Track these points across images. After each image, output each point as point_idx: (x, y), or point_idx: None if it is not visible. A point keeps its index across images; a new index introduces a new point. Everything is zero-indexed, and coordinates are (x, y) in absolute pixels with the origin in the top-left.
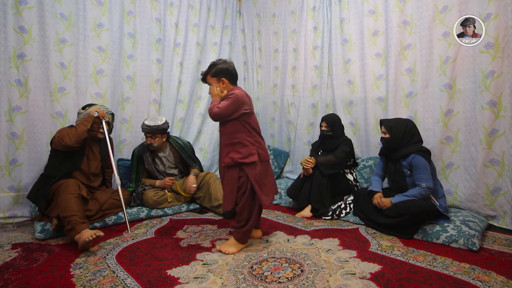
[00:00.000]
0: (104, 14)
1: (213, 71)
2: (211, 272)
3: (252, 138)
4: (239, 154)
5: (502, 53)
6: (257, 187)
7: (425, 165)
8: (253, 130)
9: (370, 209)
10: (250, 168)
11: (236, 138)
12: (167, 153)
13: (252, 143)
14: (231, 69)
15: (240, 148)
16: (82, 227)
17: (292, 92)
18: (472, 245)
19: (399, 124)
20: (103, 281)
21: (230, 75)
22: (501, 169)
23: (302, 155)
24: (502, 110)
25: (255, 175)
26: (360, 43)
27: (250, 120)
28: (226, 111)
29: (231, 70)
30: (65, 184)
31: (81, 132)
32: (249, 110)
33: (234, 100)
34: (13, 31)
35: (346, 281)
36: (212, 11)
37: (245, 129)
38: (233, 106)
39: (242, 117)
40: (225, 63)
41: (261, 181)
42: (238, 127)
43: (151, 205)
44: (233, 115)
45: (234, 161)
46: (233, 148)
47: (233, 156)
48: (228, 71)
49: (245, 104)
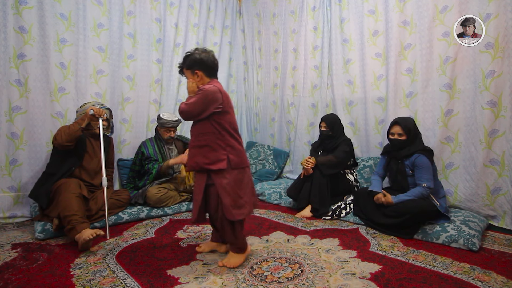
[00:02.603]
0: (104, 14)
1: (187, 62)
2: (211, 272)
3: (223, 141)
4: (206, 159)
5: (502, 53)
6: (226, 198)
7: (428, 165)
8: (225, 131)
9: (370, 209)
10: (218, 176)
11: (203, 140)
12: (173, 145)
13: (223, 147)
14: (206, 59)
15: (207, 152)
16: (82, 227)
17: (292, 92)
18: (472, 245)
19: (413, 124)
20: (103, 281)
21: (205, 67)
22: (501, 169)
23: (302, 155)
24: (502, 110)
25: (224, 184)
26: (360, 43)
27: (222, 120)
28: (194, 109)
29: (206, 61)
30: (66, 184)
31: (74, 131)
32: (220, 109)
33: (202, 97)
34: (13, 31)
35: (346, 281)
36: (212, 11)
37: (215, 131)
38: (201, 103)
39: (212, 116)
40: (202, 53)
41: (233, 192)
42: (207, 128)
43: (154, 202)
44: (202, 114)
45: (198, 165)
46: (200, 151)
47: (198, 160)
48: (203, 62)
49: (216, 102)
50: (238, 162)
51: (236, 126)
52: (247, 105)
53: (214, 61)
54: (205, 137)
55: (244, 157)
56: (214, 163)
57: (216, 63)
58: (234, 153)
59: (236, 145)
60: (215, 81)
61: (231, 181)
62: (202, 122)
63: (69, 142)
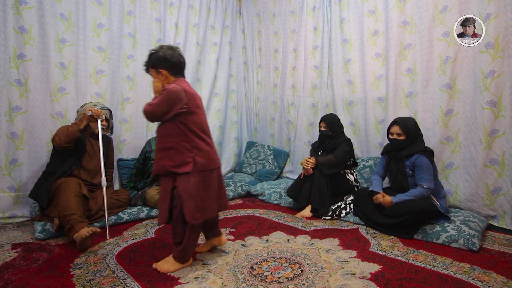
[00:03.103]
0: (104, 14)
1: (151, 60)
2: (211, 272)
3: (189, 143)
4: (172, 162)
5: (502, 53)
6: (190, 202)
7: (428, 166)
8: (191, 133)
9: (370, 209)
10: (183, 179)
11: (169, 142)
12: None
13: (189, 150)
14: (170, 57)
15: (173, 155)
16: (80, 226)
17: (292, 92)
18: (472, 245)
19: (413, 124)
20: (103, 281)
21: (170, 65)
22: (501, 169)
23: (302, 155)
24: (502, 110)
25: (187, 188)
26: (360, 43)
27: (187, 120)
28: (157, 110)
29: (170, 59)
30: (66, 183)
31: (72, 132)
32: (185, 109)
33: (165, 97)
34: (13, 31)
35: (346, 281)
36: (212, 11)
37: (180, 132)
38: (165, 104)
39: (178, 117)
40: (167, 50)
41: (196, 195)
42: (172, 130)
43: (153, 203)
44: (167, 115)
45: (164, 169)
46: (166, 154)
47: (164, 164)
48: (167, 60)
49: (180, 102)
50: (205, 164)
51: (204, 127)
52: (247, 105)
53: (180, 59)
54: (170, 139)
55: (213, 158)
56: (180, 166)
57: (183, 61)
58: (201, 155)
59: (203, 147)
60: (181, 80)
61: (196, 184)
62: (167, 124)
63: (67, 143)
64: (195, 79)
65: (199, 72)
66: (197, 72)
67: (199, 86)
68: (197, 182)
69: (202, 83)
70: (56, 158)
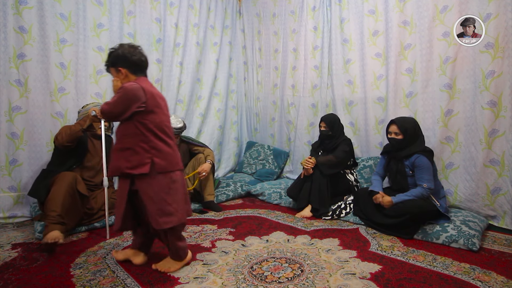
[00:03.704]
0: (104, 14)
1: (110, 59)
2: (211, 272)
3: (148, 143)
4: (128, 163)
5: (502, 53)
6: (151, 206)
7: (428, 166)
8: (149, 132)
9: (370, 209)
10: (142, 181)
11: (126, 142)
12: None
13: (147, 150)
14: (130, 55)
15: (130, 156)
16: (53, 228)
17: (292, 92)
18: (472, 245)
19: (411, 124)
20: (103, 281)
21: (130, 64)
22: (501, 169)
23: (302, 155)
24: (502, 110)
25: (147, 191)
26: (360, 43)
27: (146, 120)
28: (114, 109)
29: (130, 57)
30: (62, 176)
31: (75, 132)
32: (143, 108)
33: (122, 95)
34: (13, 31)
35: (346, 281)
36: (212, 11)
37: (138, 132)
38: (121, 102)
39: (136, 116)
40: (128, 48)
41: (158, 198)
42: (130, 129)
43: None
44: (124, 114)
45: (120, 170)
46: (123, 154)
47: (120, 165)
48: (126, 59)
49: (138, 100)
50: (164, 166)
51: (165, 127)
52: (247, 105)
53: (141, 57)
54: (128, 139)
55: (174, 160)
56: (136, 167)
57: (144, 60)
58: (160, 156)
59: (163, 148)
60: (141, 79)
61: (156, 186)
62: (125, 123)
63: (69, 142)
64: (195, 79)
65: (199, 72)
66: (197, 72)
67: (199, 86)
68: (157, 185)
69: (202, 83)
70: (57, 158)
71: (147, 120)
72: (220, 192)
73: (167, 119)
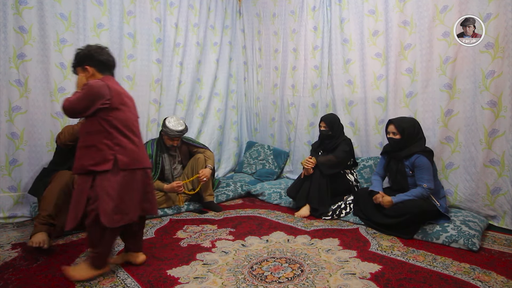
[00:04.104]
0: (104, 14)
1: (77, 58)
2: (211, 272)
3: (112, 140)
4: (91, 160)
5: (502, 53)
6: (108, 203)
7: (428, 166)
8: (114, 129)
9: (370, 209)
10: (102, 178)
11: (90, 140)
12: (176, 151)
13: (110, 147)
14: (97, 54)
15: (94, 153)
16: (40, 228)
17: (292, 92)
18: (472, 245)
19: (410, 124)
20: (103, 281)
21: (97, 62)
22: (501, 169)
23: (302, 155)
24: (502, 110)
25: (105, 187)
26: (360, 43)
27: (110, 117)
28: (77, 105)
29: (96, 56)
30: (58, 175)
31: (77, 131)
32: (108, 105)
33: (86, 92)
34: (13, 31)
35: (346, 281)
36: (212, 11)
37: (102, 129)
38: (85, 99)
39: (100, 113)
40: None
41: (117, 195)
42: (94, 127)
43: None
44: (87, 111)
45: (84, 168)
46: (87, 152)
47: (83, 163)
48: (93, 57)
49: (102, 97)
50: (128, 163)
51: (131, 125)
52: (247, 105)
53: (108, 58)
54: (92, 136)
55: (138, 158)
56: (99, 164)
57: (112, 60)
58: (124, 153)
59: (128, 145)
60: (108, 78)
61: (116, 183)
62: (90, 120)
63: (71, 142)
64: (195, 79)
65: (199, 72)
66: (197, 72)
67: (199, 86)
68: (118, 181)
69: (202, 83)
70: (59, 157)
71: (111, 117)
72: (220, 192)
73: (134, 118)
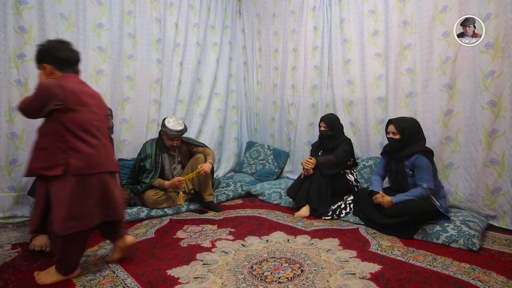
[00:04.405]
0: (104, 14)
1: (37, 55)
2: (211, 272)
3: (65, 143)
4: (42, 163)
5: (502, 53)
6: (60, 210)
7: (428, 166)
8: (67, 132)
9: (370, 209)
10: (55, 183)
11: (43, 142)
12: (175, 151)
13: (63, 150)
14: (55, 51)
15: (46, 156)
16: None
17: (292, 92)
18: (472, 245)
19: (410, 124)
20: (103, 281)
21: (55, 59)
22: (501, 169)
23: (302, 155)
24: (502, 110)
25: (58, 194)
26: (360, 43)
27: (64, 118)
28: (30, 107)
29: (54, 53)
30: None
31: None
32: (61, 106)
33: (37, 93)
34: (13, 31)
35: (346, 281)
36: (212, 11)
37: (55, 131)
38: (36, 100)
39: (54, 115)
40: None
41: (69, 202)
42: (48, 128)
43: (151, 204)
44: (40, 112)
45: (33, 171)
46: (39, 154)
47: (35, 166)
48: (50, 54)
49: (54, 98)
50: (82, 168)
51: (89, 127)
52: (247, 105)
53: (68, 53)
54: (45, 138)
55: (95, 162)
56: (49, 168)
57: (72, 56)
58: (78, 157)
59: (83, 149)
60: (67, 76)
61: (68, 189)
62: (46, 122)
63: None
64: (195, 79)
65: (199, 72)
66: (197, 72)
67: (199, 86)
68: (70, 187)
69: (202, 83)
70: None
71: (65, 119)
72: (220, 192)
73: (95, 117)
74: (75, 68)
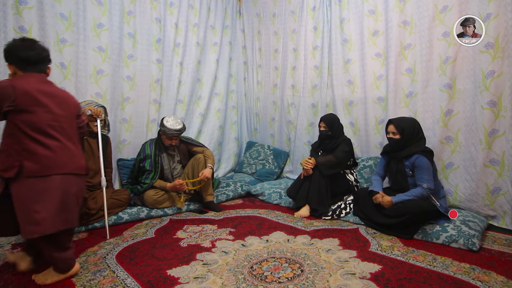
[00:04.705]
0: (104, 14)
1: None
2: (211, 272)
3: (20, 145)
4: (1, 165)
5: (502, 53)
6: (18, 212)
7: (428, 166)
8: (21, 133)
9: (370, 209)
10: (13, 185)
11: (4, 144)
12: (175, 151)
13: (18, 152)
14: (15, 50)
15: (4, 158)
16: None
17: (292, 92)
18: (472, 245)
19: (410, 124)
20: (103, 281)
21: (16, 59)
22: (501, 169)
23: (302, 155)
24: (502, 110)
25: (16, 196)
26: (360, 43)
27: (17, 120)
28: None
29: (13, 52)
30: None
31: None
32: (13, 107)
33: None
34: (13, 31)
35: (346, 281)
36: (212, 11)
37: (12, 133)
38: None
39: (9, 116)
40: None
41: (23, 205)
42: (8, 130)
43: (151, 204)
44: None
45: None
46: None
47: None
48: (11, 54)
49: (6, 99)
50: (35, 170)
51: (48, 127)
52: (247, 105)
53: (28, 52)
54: (5, 140)
55: (52, 164)
56: (6, 170)
57: (32, 55)
58: (32, 159)
59: (38, 150)
60: (25, 76)
61: (24, 192)
62: (6, 123)
63: None
64: (195, 79)
65: (199, 72)
66: (197, 72)
67: (199, 86)
68: (24, 190)
69: (202, 83)
70: None
71: (18, 120)
72: (220, 192)
73: (53, 117)
74: (40, 67)
